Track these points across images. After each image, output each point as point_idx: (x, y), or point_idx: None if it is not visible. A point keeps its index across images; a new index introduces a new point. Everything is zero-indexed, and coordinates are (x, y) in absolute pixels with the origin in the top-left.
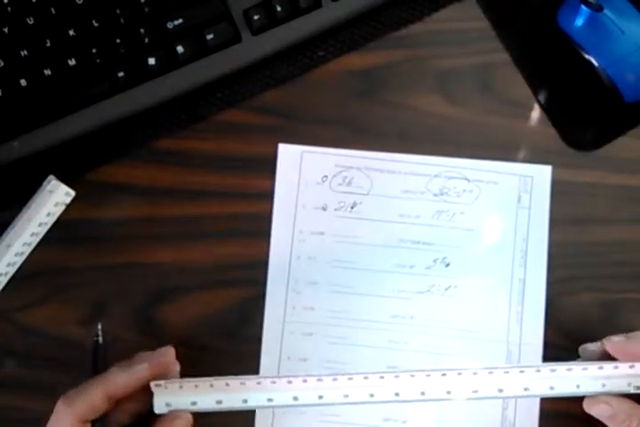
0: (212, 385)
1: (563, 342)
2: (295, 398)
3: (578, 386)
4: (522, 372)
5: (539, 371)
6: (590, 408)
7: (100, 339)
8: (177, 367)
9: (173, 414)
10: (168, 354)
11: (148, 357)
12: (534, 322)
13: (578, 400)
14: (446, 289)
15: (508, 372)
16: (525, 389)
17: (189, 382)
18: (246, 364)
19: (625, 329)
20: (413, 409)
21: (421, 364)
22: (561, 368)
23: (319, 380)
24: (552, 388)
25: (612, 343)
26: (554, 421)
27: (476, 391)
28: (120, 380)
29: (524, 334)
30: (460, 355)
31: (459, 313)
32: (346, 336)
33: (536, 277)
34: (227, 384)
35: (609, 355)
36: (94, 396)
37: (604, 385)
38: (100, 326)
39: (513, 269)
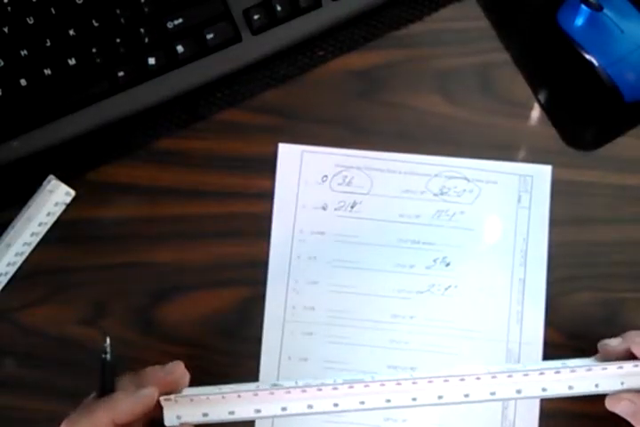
0: (223, 397)
1: (563, 341)
2: (310, 407)
3: (596, 385)
4: (542, 374)
5: (558, 372)
6: (613, 406)
7: (108, 356)
8: (186, 379)
9: None
10: (176, 371)
11: (156, 372)
12: (534, 322)
13: (577, 400)
14: (446, 289)
15: (527, 374)
16: (543, 389)
17: (200, 396)
18: (246, 364)
19: (625, 329)
20: (414, 408)
21: (421, 363)
22: (581, 369)
23: (334, 388)
24: (571, 387)
25: None
26: (554, 421)
27: (493, 393)
28: (127, 407)
29: (523, 333)
30: (460, 354)
31: (459, 313)
32: (346, 336)
33: (536, 276)
34: (239, 396)
35: (630, 351)
36: (99, 421)
37: (622, 383)
38: (108, 342)
39: (513, 268)
